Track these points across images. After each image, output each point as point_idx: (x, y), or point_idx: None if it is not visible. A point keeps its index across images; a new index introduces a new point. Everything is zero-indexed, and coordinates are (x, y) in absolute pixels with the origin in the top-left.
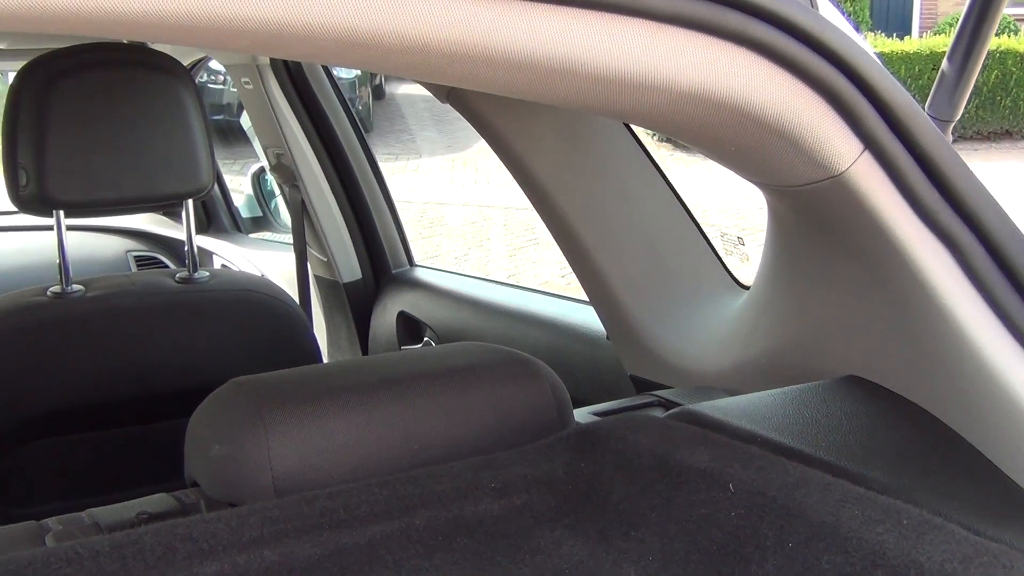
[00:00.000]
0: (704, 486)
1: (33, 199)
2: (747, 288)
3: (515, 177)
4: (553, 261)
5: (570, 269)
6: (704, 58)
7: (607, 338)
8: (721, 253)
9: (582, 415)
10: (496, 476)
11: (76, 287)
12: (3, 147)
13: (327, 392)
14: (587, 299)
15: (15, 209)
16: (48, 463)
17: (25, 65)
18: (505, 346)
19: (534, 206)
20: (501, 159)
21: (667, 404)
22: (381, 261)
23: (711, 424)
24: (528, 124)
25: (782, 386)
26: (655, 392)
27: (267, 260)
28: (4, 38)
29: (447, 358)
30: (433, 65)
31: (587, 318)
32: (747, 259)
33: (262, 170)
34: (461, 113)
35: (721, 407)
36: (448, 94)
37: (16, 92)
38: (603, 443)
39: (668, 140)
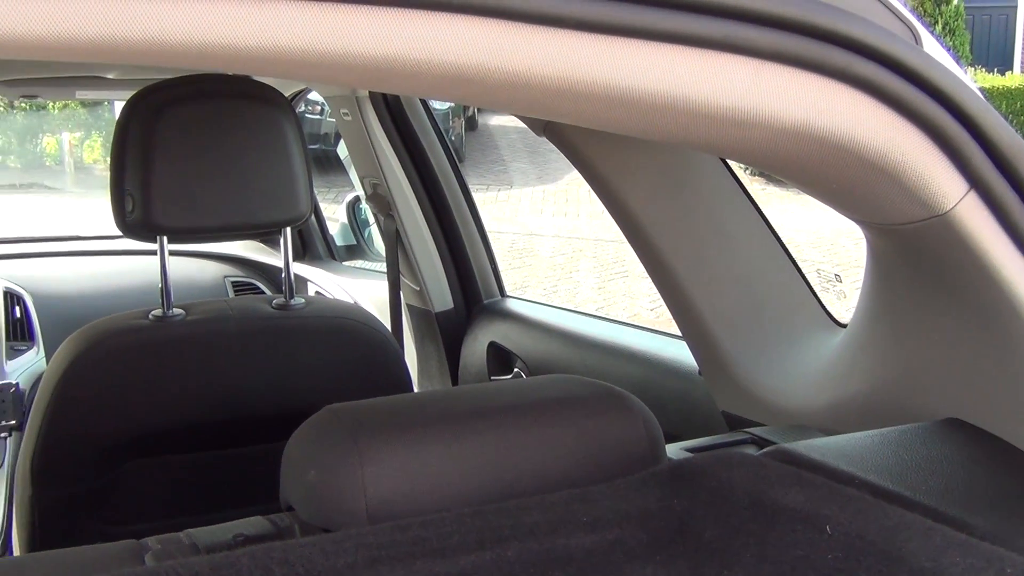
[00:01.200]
0: (800, 527)
1: (138, 225)
2: (844, 326)
3: (609, 210)
4: (642, 294)
5: (660, 303)
6: (807, 95)
7: (699, 373)
8: (817, 289)
9: (674, 451)
10: (588, 510)
11: (177, 311)
12: (111, 174)
13: (421, 421)
14: (679, 333)
15: (119, 233)
16: (145, 482)
17: (134, 95)
18: (596, 379)
19: (628, 239)
20: (596, 192)
21: (761, 442)
22: (473, 291)
23: (807, 464)
24: (624, 158)
25: (879, 427)
26: (748, 429)
27: (360, 288)
28: (113, 68)
29: (539, 390)
30: (536, 100)
31: (679, 353)
32: (844, 296)
33: (357, 199)
34: (557, 146)
35: (817, 447)
36: (545, 127)
37: (125, 121)
38: (696, 479)
39: (761, 174)
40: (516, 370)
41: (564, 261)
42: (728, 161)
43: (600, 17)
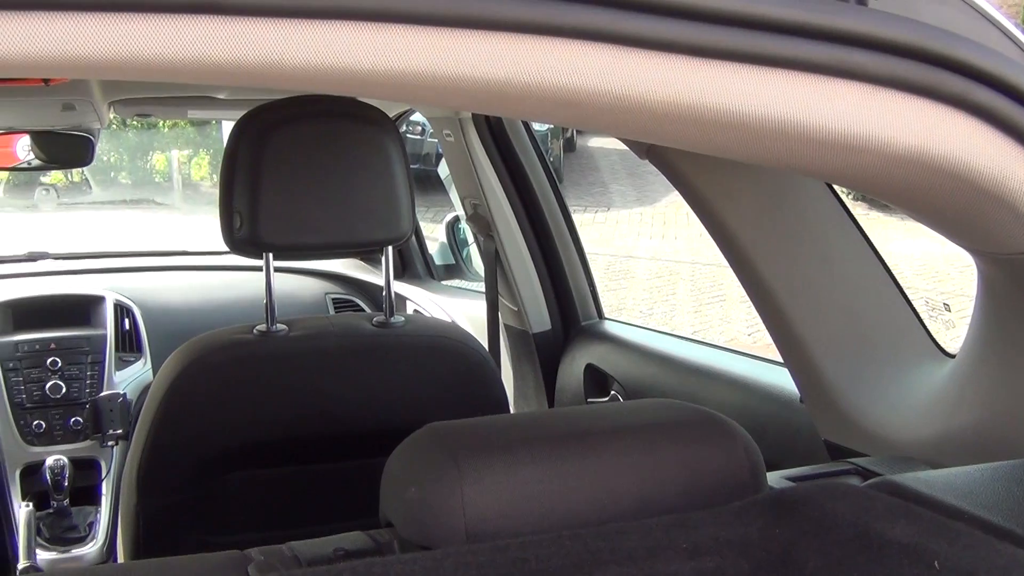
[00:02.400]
0: (907, 561)
1: (245, 241)
2: (952, 356)
3: (711, 234)
4: (739, 319)
5: (757, 328)
6: (921, 122)
7: (800, 401)
8: (924, 318)
9: (775, 479)
10: (687, 536)
11: (280, 326)
12: (220, 192)
13: (520, 442)
14: (779, 359)
15: (224, 249)
16: (246, 494)
17: (243, 115)
18: (695, 404)
19: (730, 264)
20: (698, 215)
21: (864, 473)
22: (571, 313)
23: (914, 497)
24: (727, 181)
25: (988, 461)
26: (851, 459)
27: (457, 307)
28: (224, 89)
29: (639, 414)
30: (643, 124)
31: (779, 379)
32: (953, 326)
33: (457, 219)
34: (659, 169)
35: (924, 479)
36: (648, 150)
37: (235, 140)
38: (799, 509)
39: (864, 198)
40: (613, 392)
41: (660, 284)
42: (832, 185)
43: (711, 43)
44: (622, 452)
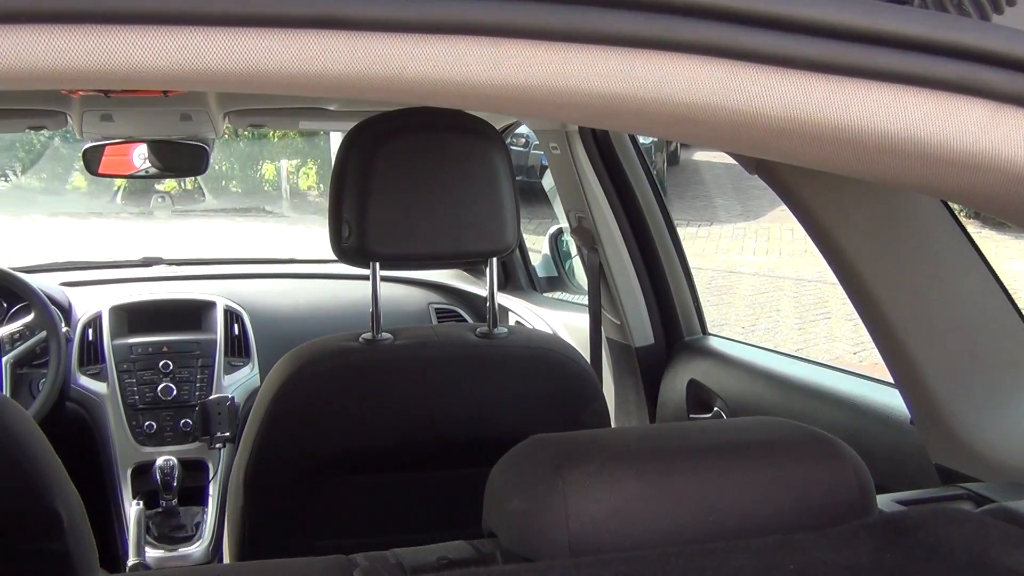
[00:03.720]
0: None
1: (353, 251)
2: None
3: (821, 251)
4: (845, 337)
5: (864, 346)
6: None
7: (911, 423)
8: None
9: (884, 502)
10: (795, 557)
11: (385, 335)
12: (330, 202)
13: (625, 456)
14: (889, 379)
15: (331, 257)
16: (348, 499)
17: (354, 127)
18: (801, 423)
19: (840, 281)
20: (808, 232)
21: (978, 499)
22: (674, 327)
23: None
24: (840, 198)
25: None
26: (964, 484)
27: (559, 319)
28: (335, 101)
29: (746, 432)
30: (758, 139)
31: (888, 399)
32: None
33: (560, 231)
34: (768, 184)
35: None
36: (757, 165)
37: (345, 151)
38: (911, 534)
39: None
40: (716, 409)
41: (763, 300)
42: (947, 202)
43: (832, 58)
44: (728, 470)
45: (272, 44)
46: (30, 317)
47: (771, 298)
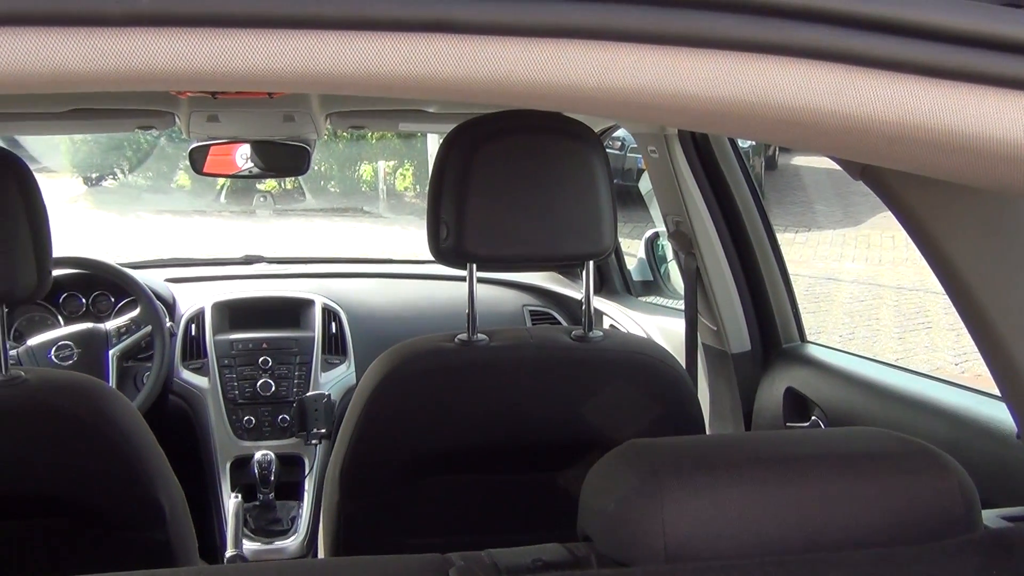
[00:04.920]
0: None
1: (451, 252)
2: None
3: (928, 260)
4: (946, 347)
5: (967, 357)
6: None
7: (1017, 437)
8: None
9: (990, 518)
10: (896, 572)
11: (481, 336)
12: (429, 203)
13: (722, 464)
14: (995, 392)
15: (427, 258)
16: (442, 498)
17: (454, 129)
18: (903, 434)
19: (945, 290)
20: (914, 241)
21: None
22: (772, 334)
23: None
24: (948, 204)
25: None
26: None
27: (653, 324)
28: (434, 103)
29: (847, 442)
30: (867, 145)
31: (993, 412)
32: None
33: (656, 235)
34: (873, 190)
35: None
36: (862, 171)
37: (444, 154)
38: (1019, 551)
39: None
40: (814, 418)
41: (862, 308)
42: None
43: (946, 63)
44: (829, 480)
45: (383, 48)
46: (136, 312)
47: (870, 306)
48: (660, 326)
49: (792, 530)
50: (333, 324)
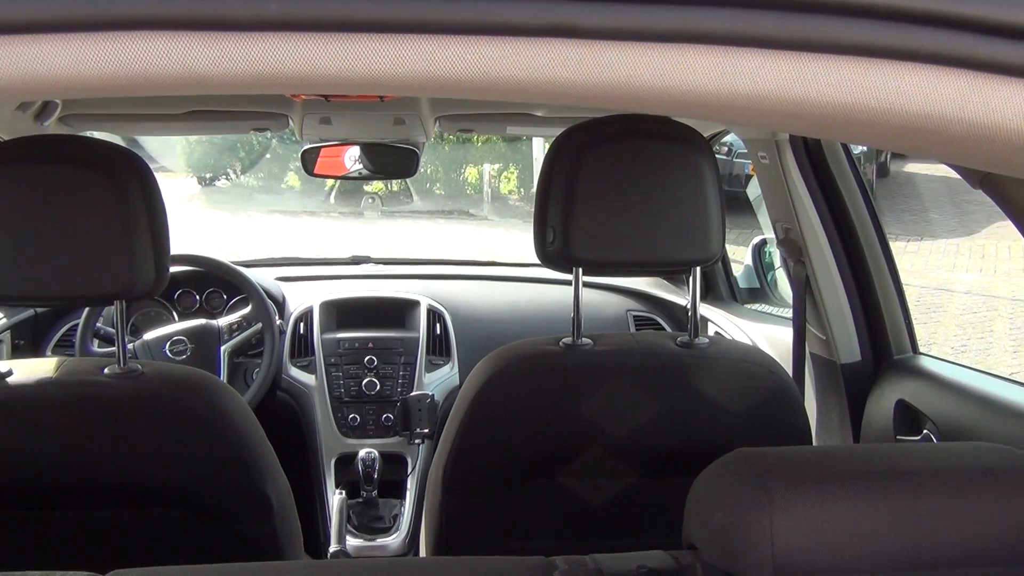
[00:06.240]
0: None
1: (557, 255)
2: None
3: None
4: None
5: None
6: None
7: None
8: None
9: None
10: None
11: (585, 340)
12: (536, 206)
13: (834, 475)
14: None
15: (531, 261)
16: (544, 502)
17: (562, 133)
18: (1019, 451)
19: None
20: None
21: None
22: (883, 345)
23: None
24: None
25: None
26: None
27: (759, 332)
28: (543, 107)
29: (962, 457)
30: (994, 153)
31: None
32: None
33: (763, 242)
34: (993, 199)
35: None
36: (982, 180)
37: (551, 157)
38: None
39: None
40: (925, 432)
41: (975, 320)
42: None
43: None
44: (943, 496)
45: (504, 52)
46: (248, 309)
47: (984, 318)
48: (766, 334)
49: (906, 546)
50: (438, 325)
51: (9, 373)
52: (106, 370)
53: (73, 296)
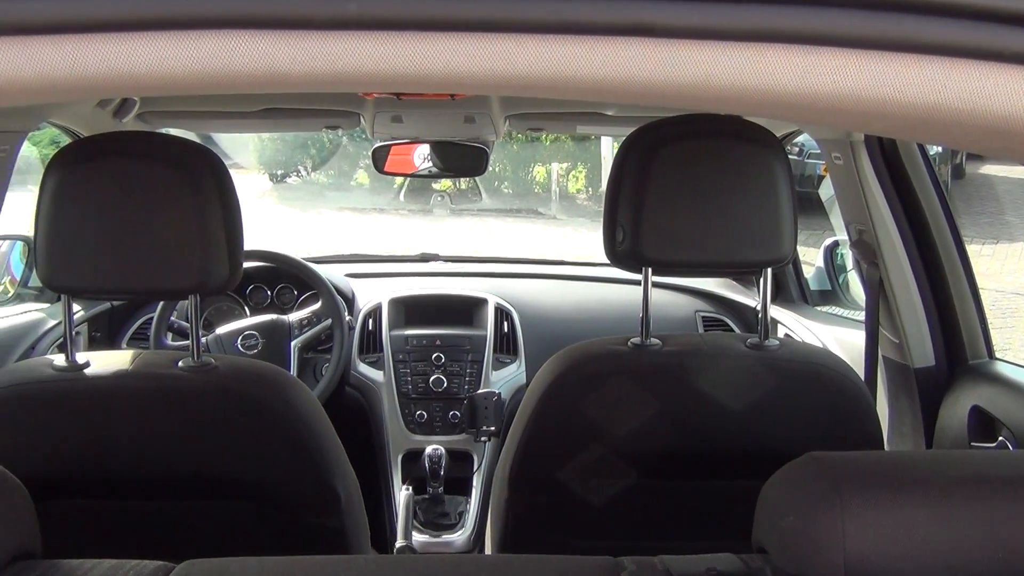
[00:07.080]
0: None
1: (627, 255)
2: None
3: None
4: None
5: None
6: None
7: None
8: None
9: None
10: None
11: (654, 340)
12: (606, 205)
13: (908, 481)
14: None
15: (600, 260)
16: (610, 501)
17: (633, 132)
18: None
19: None
20: None
21: None
22: (958, 349)
23: None
24: None
25: None
26: None
27: (830, 334)
28: (613, 106)
29: None
30: None
31: None
32: None
33: (836, 243)
34: None
35: None
36: None
37: (622, 157)
38: None
39: None
40: (1001, 439)
41: None
42: None
43: None
44: (1020, 504)
45: (580, 51)
46: (318, 305)
47: None
48: (837, 337)
49: (981, 554)
50: (505, 323)
51: (87, 365)
52: (180, 363)
53: (149, 290)
